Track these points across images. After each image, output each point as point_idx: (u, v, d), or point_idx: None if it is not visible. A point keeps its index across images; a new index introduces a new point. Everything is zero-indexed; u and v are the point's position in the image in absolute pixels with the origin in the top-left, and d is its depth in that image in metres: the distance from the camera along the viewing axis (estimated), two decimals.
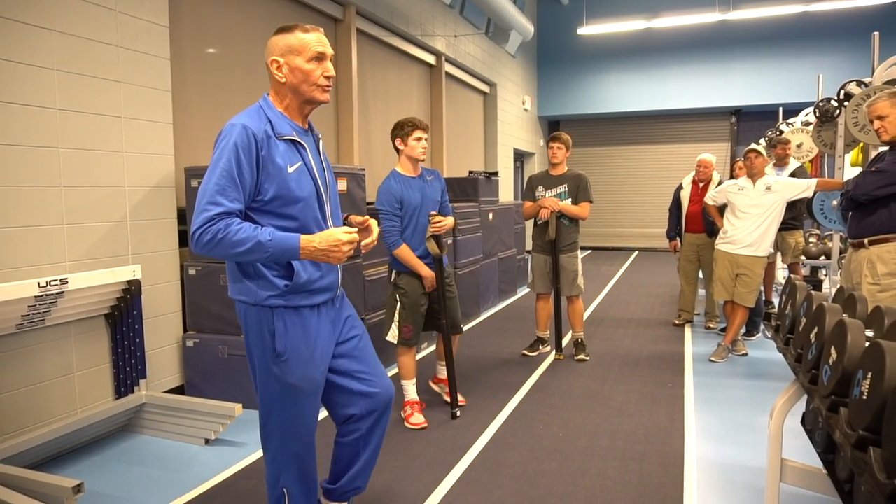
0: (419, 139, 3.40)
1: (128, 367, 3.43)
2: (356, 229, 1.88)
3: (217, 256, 1.77)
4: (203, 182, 1.76)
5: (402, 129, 3.42)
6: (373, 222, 2.06)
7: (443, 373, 3.87)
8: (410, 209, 3.40)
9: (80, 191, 3.27)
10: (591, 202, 4.67)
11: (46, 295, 2.83)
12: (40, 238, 3.07)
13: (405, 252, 3.41)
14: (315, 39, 1.86)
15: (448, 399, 3.76)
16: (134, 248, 3.59)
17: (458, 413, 3.63)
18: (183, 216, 3.96)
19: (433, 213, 3.43)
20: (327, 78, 1.88)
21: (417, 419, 3.46)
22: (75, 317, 3.19)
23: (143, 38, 3.62)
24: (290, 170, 1.85)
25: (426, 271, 3.43)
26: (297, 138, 1.89)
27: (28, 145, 3.00)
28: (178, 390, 3.88)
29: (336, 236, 1.78)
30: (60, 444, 3.09)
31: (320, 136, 2.08)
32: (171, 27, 3.86)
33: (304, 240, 1.77)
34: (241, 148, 1.76)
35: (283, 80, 1.86)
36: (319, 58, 1.86)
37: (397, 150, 3.48)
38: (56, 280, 2.86)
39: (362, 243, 2.01)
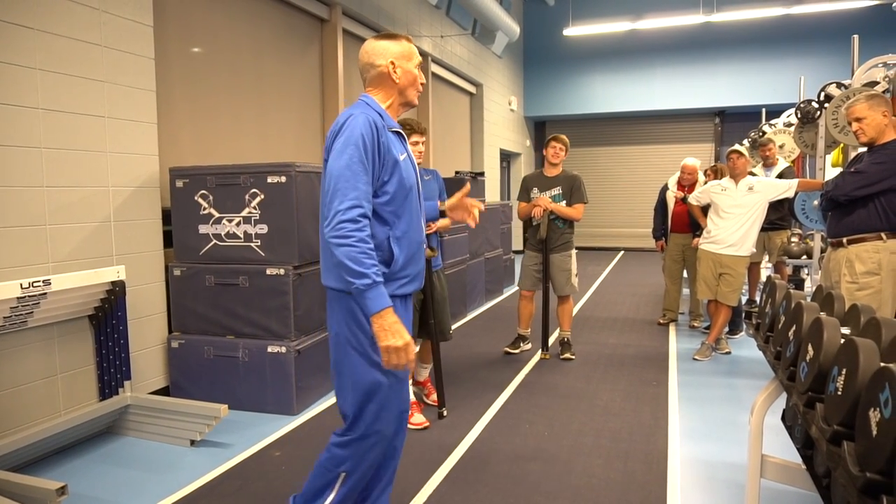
0: (416, 143, 3.41)
1: (112, 369, 3.40)
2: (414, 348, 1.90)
3: (331, 247, 1.81)
4: (336, 170, 1.83)
5: None
6: (469, 200, 2.18)
7: (422, 375, 3.90)
8: None
9: (64, 191, 3.25)
10: (585, 203, 4.72)
11: (29, 296, 2.81)
12: (23, 239, 3.04)
13: None
14: (416, 50, 2.08)
15: (427, 401, 3.83)
16: (118, 248, 3.57)
17: (445, 413, 3.65)
18: (168, 217, 3.93)
19: None
20: (422, 84, 2.11)
21: (419, 419, 3.49)
22: (59, 318, 3.17)
23: (127, 38, 3.60)
24: (401, 158, 1.98)
25: None
26: (401, 130, 2.06)
27: (10, 145, 2.98)
28: (164, 392, 3.85)
29: (399, 338, 1.80)
30: (44, 447, 3.06)
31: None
32: (155, 26, 3.83)
33: (386, 312, 1.79)
34: (366, 136, 1.87)
35: (398, 81, 2.03)
36: (420, 66, 2.10)
37: None
38: (39, 281, 2.83)
39: (469, 224, 2.37)
